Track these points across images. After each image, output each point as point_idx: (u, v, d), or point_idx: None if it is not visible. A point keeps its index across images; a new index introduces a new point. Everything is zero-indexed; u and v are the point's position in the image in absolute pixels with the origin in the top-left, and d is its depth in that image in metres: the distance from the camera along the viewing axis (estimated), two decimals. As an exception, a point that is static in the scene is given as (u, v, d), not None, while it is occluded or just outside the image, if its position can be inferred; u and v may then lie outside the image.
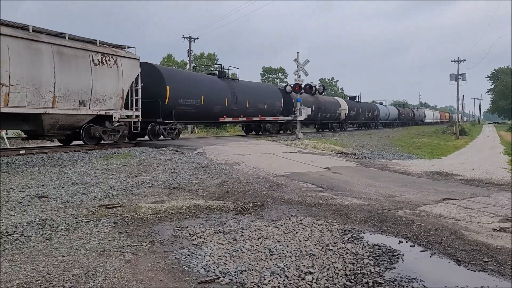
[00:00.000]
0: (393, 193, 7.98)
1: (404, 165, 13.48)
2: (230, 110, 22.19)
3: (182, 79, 19.98)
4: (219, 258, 4.21)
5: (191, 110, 19.74)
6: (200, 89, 20.28)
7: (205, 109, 20.47)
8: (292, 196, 7.42)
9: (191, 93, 19.55)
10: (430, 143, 28.73)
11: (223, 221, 5.69)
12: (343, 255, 4.38)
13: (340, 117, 36.71)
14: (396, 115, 58.63)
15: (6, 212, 5.87)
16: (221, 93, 21.70)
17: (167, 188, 8.00)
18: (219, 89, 21.78)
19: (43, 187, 7.95)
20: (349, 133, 33.52)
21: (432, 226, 5.50)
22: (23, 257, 4.10)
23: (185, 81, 19.93)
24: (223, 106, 21.68)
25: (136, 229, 5.21)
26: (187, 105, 19.33)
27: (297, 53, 23.43)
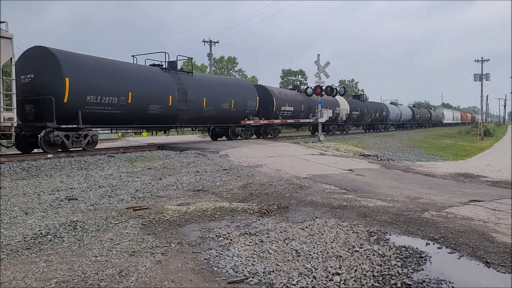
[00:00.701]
0: (418, 195, 7.92)
1: (428, 167, 13.32)
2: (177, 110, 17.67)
3: (94, 68, 14.64)
4: (247, 259, 4.27)
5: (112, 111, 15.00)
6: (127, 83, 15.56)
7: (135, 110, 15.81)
8: (316, 198, 7.44)
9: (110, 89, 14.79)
10: (454, 145, 28.26)
11: (248, 222, 5.76)
12: (370, 256, 4.39)
13: (339, 118, 32.70)
14: (409, 116, 53.69)
15: (38, 214, 6.07)
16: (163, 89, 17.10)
17: (191, 191, 8.12)
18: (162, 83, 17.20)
19: (71, 189, 8.17)
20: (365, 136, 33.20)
21: (459, 228, 5.45)
22: (58, 257, 4.25)
23: (99, 71, 14.77)
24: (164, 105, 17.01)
25: (164, 231, 5.31)
26: (103, 105, 14.59)
27: (317, 55, 23.43)
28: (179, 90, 17.50)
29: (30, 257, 4.23)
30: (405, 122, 52.30)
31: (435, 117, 67.40)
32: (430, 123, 63.81)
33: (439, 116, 70.09)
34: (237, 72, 69.07)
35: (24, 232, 5.10)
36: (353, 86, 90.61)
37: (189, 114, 18.11)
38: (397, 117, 48.72)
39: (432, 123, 64.56)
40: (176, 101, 17.36)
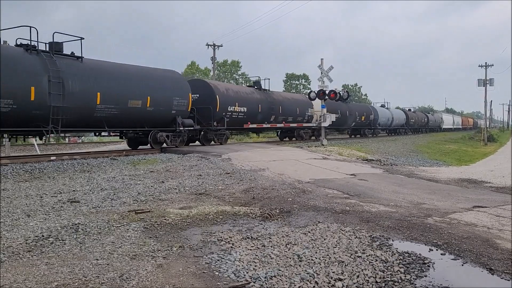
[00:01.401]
0: (421, 200, 7.88)
1: (431, 172, 13.27)
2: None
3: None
4: (249, 264, 4.25)
5: None
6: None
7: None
8: (319, 202, 7.41)
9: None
10: (457, 150, 28.16)
11: (250, 227, 5.74)
12: (373, 262, 4.36)
13: (312, 121, 28.83)
14: (402, 120, 48.79)
15: (40, 217, 6.07)
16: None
17: (193, 194, 8.11)
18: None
19: (74, 192, 8.17)
20: (372, 140, 33.09)
21: (463, 234, 5.41)
22: (59, 260, 4.24)
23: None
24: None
25: (166, 234, 5.30)
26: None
27: (321, 60, 23.41)
28: (51, 80, 12.48)
29: (32, 260, 4.22)
30: (398, 127, 48.04)
31: (433, 122, 63.36)
32: (427, 128, 60.13)
33: (438, 121, 66.36)
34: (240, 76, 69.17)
35: (26, 234, 5.09)
36: (356, 90, 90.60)
37: (71, 114, 13.08)
38: (388, 122, 44.21)
39: (429, 128, 60.92)
40: (45, 95, 12.39)
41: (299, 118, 27.21)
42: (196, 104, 19.13)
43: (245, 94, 22.51)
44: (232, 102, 20.88)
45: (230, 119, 20.70)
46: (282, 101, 25.51)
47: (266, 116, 23.54)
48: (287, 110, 25.59)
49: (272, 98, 24.46)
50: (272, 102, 24.04)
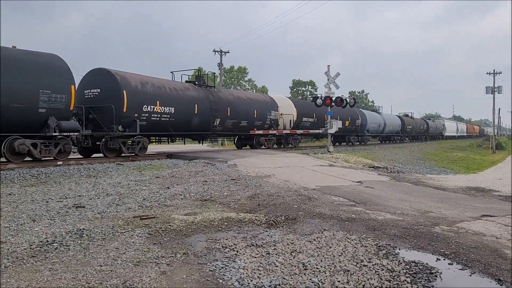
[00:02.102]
0: (428, 208, 7.79)
1: (438, 180, 13.15)
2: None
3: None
4: (253, 271, 4.20)
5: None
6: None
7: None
8: (324, 210, 7.35)
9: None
10: (465, 158, 27.95)
11: (255, 234, 5.69)
12: (379, 271, 4.29)
13: (274, 126, 24.21)
14: (397, 126, 44.55)
15: (45, 222, 6.07)
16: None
17: (199, 200, 8.08)
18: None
19: (79, 197, 8.18)
20: (380, 147, 32.90)
21: (471, 244, 5.32)
22: (63, 265, 4.22)
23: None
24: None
25: (170, 241, 5.27)
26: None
27: (328, 66, 23.40)
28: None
29: (35, 265, 4.21)
30: (391, 134, 43.90)
31: (434, 128, 59.17)
32: (427, 136, 56.11)
33: (439, 128, 62.00)
34: (247, 82, 69.33)
35: (31, 239, 5.09)
36: (363, 97, 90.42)
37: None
38: (379, 128, 39.93)
39: (429, 136, 56.87)
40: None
41: (258, 123, 22.92)
42: (95, 102, 15.31)
43: (173, 91, 17.48)
44: (150, 100, 16.02)
45: (148, 122, 16.00)
46: (233, 102, 21.08)
47: (206, 119, 18.94)
48: (240, 112, 21.08)
49: (218, 97, 19.86)
50: (216, 102, 19.51)
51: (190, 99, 18.50)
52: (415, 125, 50.84)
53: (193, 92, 19.00)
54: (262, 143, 23.61)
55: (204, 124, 19.18)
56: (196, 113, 18.56)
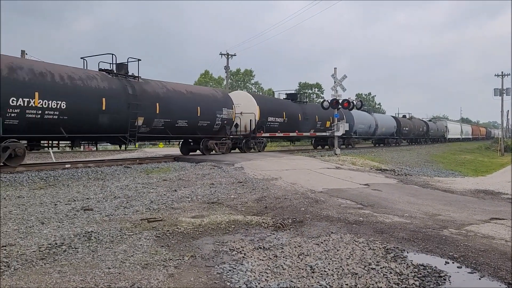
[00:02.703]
0: (436, 211, 7.74)
1: (446, 183, 13.07)
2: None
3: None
4: (260, 274, 4.20)
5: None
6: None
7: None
8: (332, 212, 7.33)
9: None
10: (473, 160, 27.75)
11: (263, 236, 5.69)
12: (387, 274, 4.27)
13: (228, 127, 20.14)
14: (392, 128, 40.86)
15: (54, 224, 6.11)
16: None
17: (206, 203, 8.09)
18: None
19: (87, 200, 8.22)
20: (387, 149, 32.76)
21: (480, 247, 5.28)
22: (71, 268, 4.24)
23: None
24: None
25: (178, 243, 5.28)
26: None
27: (334, 69, 23.38)
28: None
29: (44, 268, 4.24)
30: (385, 137, 40.24)
31: (435, 130, 55.14)
32: (428, 138, 52.67)
33: (441, 130, 58.18)
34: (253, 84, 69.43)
35: (40, 242, 5.12)
36: (370, 99, 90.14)
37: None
38: (370, 129, 35.91)
39: (430, 138, 53.48)
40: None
41: (203, 123, 18.62)
42: None
43: (66, 81, 13.29)
44: (23, 91, 12.12)
45: (21, 121, 12.11)
46: (164, 96, 16.66)
47: (121, 118, 14.74)
48: (175, 109, 16.94)
49: (141, 90, 15.55)
50: (138, 96, 15.25)
51: (95, 91, 13.89)
52: (412, 126, 47.07)
53: (102, 83, 14.30)
54: (212, 148, 19.23)
55: (119, 124, 14.72)
56: (104, 109, 14.08)
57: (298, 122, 26.13)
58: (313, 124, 27.74)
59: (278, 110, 24.45)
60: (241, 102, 21.99)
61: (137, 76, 16.09)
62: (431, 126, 53.77)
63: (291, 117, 25.24)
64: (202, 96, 19.18)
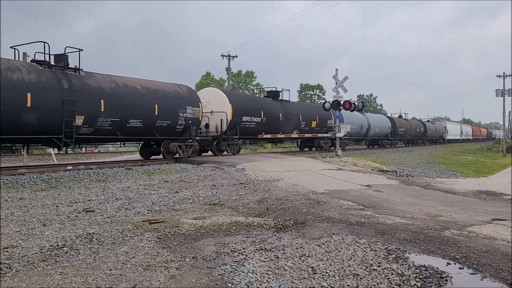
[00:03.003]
0: (438, 212, 7.73)
1: (448, 184, 13.05)
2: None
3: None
4: (262, 276, 4.20)
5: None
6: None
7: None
8: (333, 214, 7.33)
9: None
10: (475, 161, 27.70)
11: (264, 238, 5.69)
12: (388, 275, 4.27)
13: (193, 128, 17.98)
14: (386, 128, 38.67)
15: (56, 226, 6.12)
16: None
17: (207, 204, 8.10)
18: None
19: (89, 202, 8.24)
20: (388, 150, 32.74)
21: (481, 248, 5.27)
22: (73, 269, 4.25)
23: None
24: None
25: (179, 245, 5.28)
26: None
27: (336, 70, 23.37)
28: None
29: (46, 269, 4.25)
30: (379, 138, 37.91)
31: (433, 131, 52.82)
32: (425, 139, 50.76)
33: (440, 131, 55.76)
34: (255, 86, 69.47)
35: (41, 243, 5.13)
36: (371, 100, 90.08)
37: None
38: (361, 130, 33.33)
39: (428, 139, 51.65)
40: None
41: (163, 123, 16.48)
42: None
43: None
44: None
45: None
46: (112, 92, 14.54)
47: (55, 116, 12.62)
48: (126, 107, 14.86)
49: (81, 85, 13.56)
50: (77, 91, 13.23)
51: (17, 85, 11.79)
52: (409, 127, 44.64)
53: (27, 75, 12.16)
54: (174, 151, 17.17)
55: (51, 124, 12.65)
56: (29, 106, 12.00)
57: (278, 122, 23.67)
58: (296, 124, 25.26)
59: (255, 109, 22.04)
60: (212, 100, 19.94)
61: (79, 69, 13.86)
62: (429, 127, 51.28)
63: (271, 117, 22.89)
64: (161, 92, 16.70)
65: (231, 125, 20.00)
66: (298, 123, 25.53)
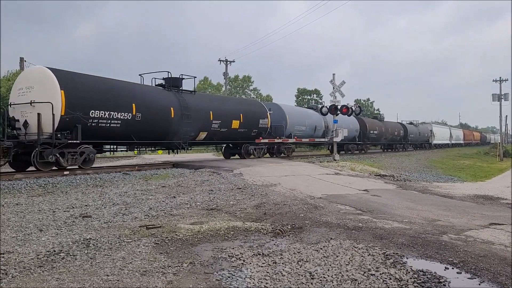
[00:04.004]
0: (436, 217, 7.73)
1: (446, 188, 13.06)
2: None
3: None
4: (260, 281, 4.18)
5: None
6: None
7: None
8: (331, 218, 7.32)
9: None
10: (472, 165, 27.78)
11: (262, 243, 5.67)
12: (386, 280, 4.26)
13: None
14: (353, 131, 32.64)
15: (52, 231, 6.08)
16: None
17: (205, 209, 8.07)
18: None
19: (86, 207, 8.20)
20: (381, 156, 32.78)
21: (479, 252, 5.27)
22: (69, 275, 4.22)
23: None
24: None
25: (176, 250, 5.26)
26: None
27: (333, 75, 23.45)
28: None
29: (42, 275, 4.22)
30: (343, 142, 29.39)
31: (416, 135, 47.40)
32: (406, 143, 45.37)
33: (425, 134, 50.70)
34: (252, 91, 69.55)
35: (38, 249, 5.10)
36: (368, 105, 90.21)
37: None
38: (315, 132, 28.11)
39: (409, 143, 46.44)
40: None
41: None
42: None
43: None
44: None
45: None
46: None
47: None
48: None
49: None
50: None
51: None
52: (384, 130, 38.86)
53: None
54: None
55: None
56: None
57: (168, 121, 16.74)
58: (203, 124, 18.39)
59: (119, 100, 15.01)
60: (34, 85, 13.51)
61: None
62: (410, 130, 45.84)
63: (152, 113, 16.05)
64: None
65: (67, 123, 13.33)
66: (207, 123, 18.56)
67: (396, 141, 43.17)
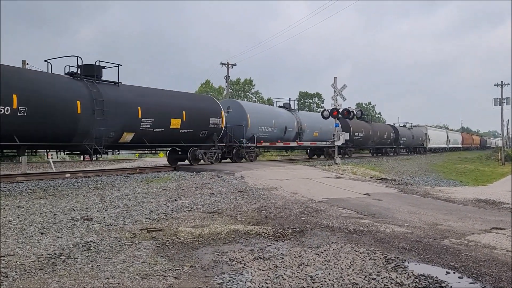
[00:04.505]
0: (437, 221, 7.71)
1: (447, 192, 13.04)
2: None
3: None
4: (260, 285, 4.17)
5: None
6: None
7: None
8: (332, 222, 7.31)
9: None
10: (474, 170, 27.72)
11: (263, 246, 5.66)
12: (388, 285, 4.24)
13: None
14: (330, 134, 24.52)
15: (53, 234, 6.08)
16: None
17: (206, 213, 8.07)
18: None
19: (87, 210, 8.20)
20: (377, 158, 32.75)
21: (481, 257, 5.25)
22: (70, 278, 4.22)
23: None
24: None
25: (177, 253, 5.26)
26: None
27: (334, 78, 23.43)
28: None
29: (43, 278, 4.21)
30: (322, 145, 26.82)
31: (408, 138, 43.76)
32: (398, 147, 41.76)
33: (419, 138, 47.17)
34: (253, 94, 69.60)
35: (39, 252, 5.10)
36: (370, 109, 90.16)
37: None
38: (285, 134, 24.62)
39: (401, 147, 42.80)
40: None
41: None
42: None
43: None
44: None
45: None
46: None
47: None
48: None
49: None
50: None
51: None
52: (371, 132, 34.82)
53: None
54: None
55: None
56: None
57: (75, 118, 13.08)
58: (128, 122, 14.83)
59: None
60: None
61: None
62: (402, 133, 42.15)
63: (46, 107, 12.31)
64: None
65: None
66: (134, 122, 15.05)
67: (386, 144, 39.46)
